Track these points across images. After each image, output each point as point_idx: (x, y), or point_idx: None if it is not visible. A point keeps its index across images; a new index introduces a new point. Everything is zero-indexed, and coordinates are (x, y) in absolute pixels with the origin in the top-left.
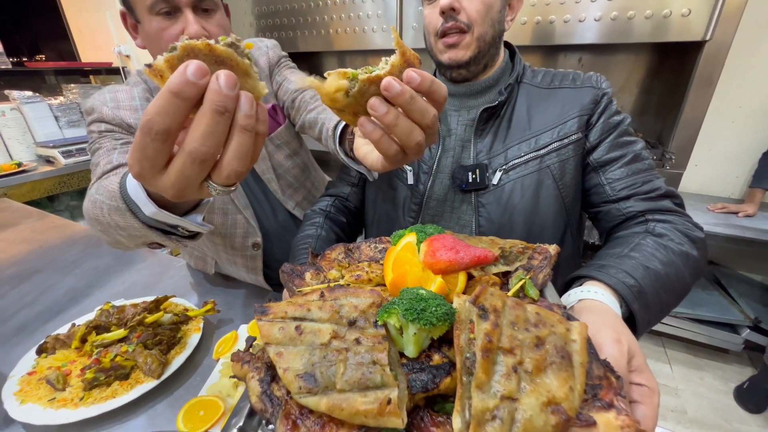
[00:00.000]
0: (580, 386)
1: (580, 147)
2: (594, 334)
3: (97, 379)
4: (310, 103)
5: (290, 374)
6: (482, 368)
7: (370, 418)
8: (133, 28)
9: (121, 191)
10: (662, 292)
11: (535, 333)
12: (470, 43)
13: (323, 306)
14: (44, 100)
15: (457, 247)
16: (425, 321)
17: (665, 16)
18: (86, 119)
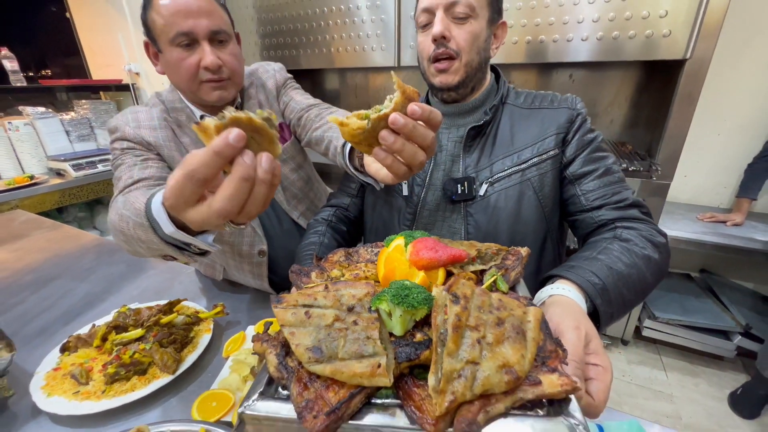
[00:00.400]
0: (530, 355)
1: (557, 161)
2: (558, 322)
3: (118, 373)
4: (315, 122)
5: (301, 348)
6: (452, 340)
7: (364, 379)
8: (154, 56)
9: (146, 210)
10: (624, 289)
11: (497, 314)
12: (459, 69)
13: (327, 296)
14: (56, 115)
15: (436, 247)
16: (408, 304)
17: (648, 36)
18: (110, 137)
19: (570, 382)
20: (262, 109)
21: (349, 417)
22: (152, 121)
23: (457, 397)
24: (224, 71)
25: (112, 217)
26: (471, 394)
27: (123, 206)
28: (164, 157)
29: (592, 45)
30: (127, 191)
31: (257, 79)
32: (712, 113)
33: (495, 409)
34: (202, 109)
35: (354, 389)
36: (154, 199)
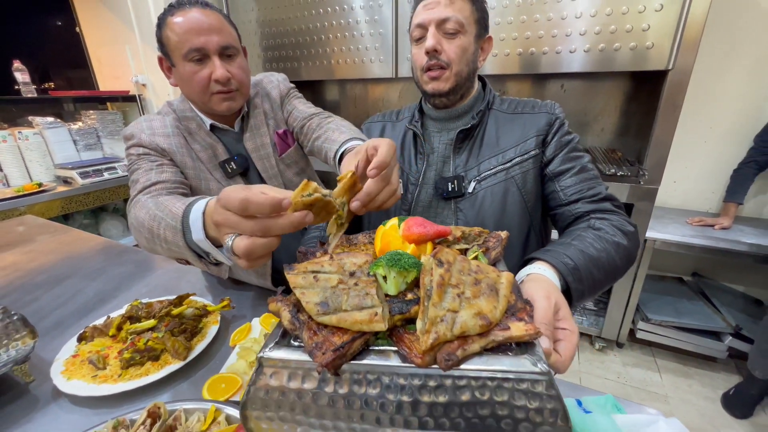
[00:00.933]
0: (501, 307)
1: (538, 161)
2: (532, 293)
3: (133, 358)
4: (315, 131)
5: (310, 304)
6: (437, 294)
7: (364, 325)
8: (168, 70)
9: (184, 215)
10: (594, 270)
11: (474, 276)
12: (449, 77)
13: (332, 263)
14: (64, 125)
15: (425, 224)
16: (401, 266)
17: (632, 48)
18: (126, 143)
19: (534, 327)
20: (267, 118)
21: (352, 357)
22: (165, 128)
23: (440, 336)
24: (233, 83)
25: (140, 214)
26: (451, 335)
27: (156, 207)
28: (177, 162)
29: (580, 57)
30: (146, 192)
31: (262, 89)
32: (699, 122)
33: (471, 348)
34: (211, 118)
35: (356, 334)
36: (194, 207)
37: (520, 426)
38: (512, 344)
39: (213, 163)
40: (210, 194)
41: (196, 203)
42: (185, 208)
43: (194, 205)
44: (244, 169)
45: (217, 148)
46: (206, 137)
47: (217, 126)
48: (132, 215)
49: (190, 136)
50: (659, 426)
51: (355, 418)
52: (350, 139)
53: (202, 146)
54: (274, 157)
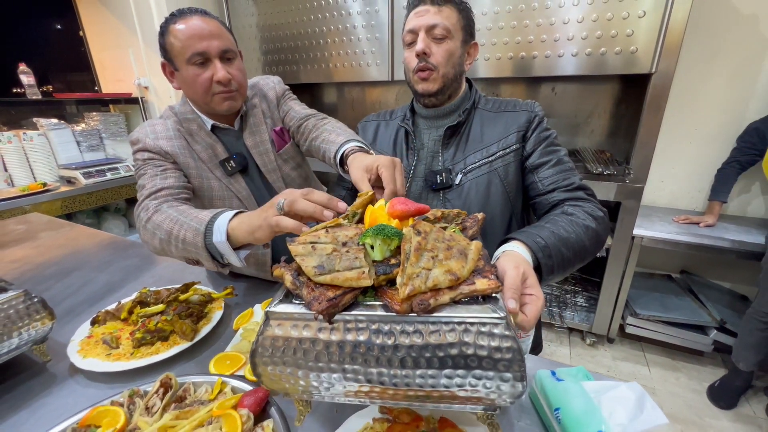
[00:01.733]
0: (469, 267)
1: (519, 154)
2: (503, 265)
3: (144, 338)
4: (312, 132)
5: (309, 267)
6: (414, 256)
7: (353, 281)
8: (171, 74)
9: (210, 221)
10: (563, 248)
11: (447, 243)
12: (437, 78)
13: (327, 235)
14: (68, 126)
15: (406, 203)
16: (385, 235)
17: (617, 53)
18: (132, 148)
19: (495, 283)
20: (265, 117)
21: (343, 308)
22: (168, 131)
23: (415, 287)
24: (233, 84)
25: (159, 218)
26: (425, 287)
27: (179, 214)
28: (179, 164)
29: (569, 61)
30: (153, 198)
31: (259, 91)
32: (684, 123)
33: (442, 298)
34: (212, 118)
35: (346, 289)
36: (222, 215)
37: (483, 361)
38: (479, 297)
39: (213, 162)
40: (212, 192)
41: (224, 213)
42: (212, 216)
43: (222, 214)
44: (243, 167)
45: (217, 148)
46: (206, 137)
47: (218, 126)
48: (144, 218)
49: (191, 137)
50: (621, 389)
51: (346, 360)
52: (347, 141)
53: (203, 146)
54: (272, 153)
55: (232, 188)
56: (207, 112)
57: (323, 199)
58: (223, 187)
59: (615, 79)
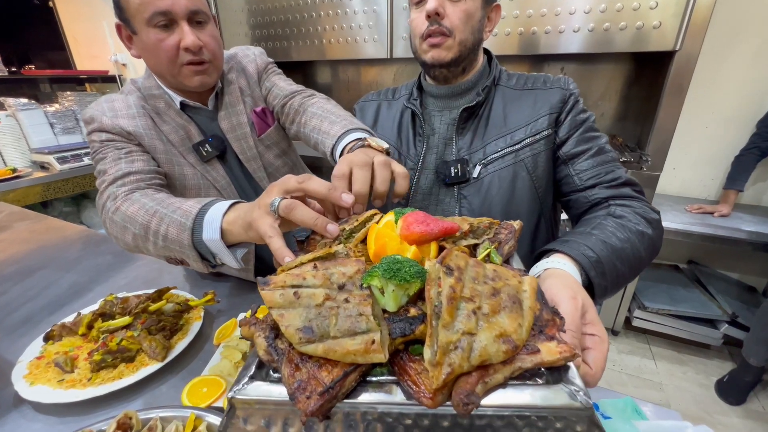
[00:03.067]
0: (527, 324)
1: (550, 142)
2: (554, 293)
3: (104, 360)
4: (302, 116)
5: (291, 329)
6: (447, 312)
7: (358, 356)
8: (128, 39)
9: (199, 214)
10: (618, 262)
11: (492, 285)
12: (452, 46)
13: (316, 275)
14: (40, 107)
15: (427, 220)
16: (400, 278)
17: (638, 27)
18: (86, 129)
19: (568, 349)
20: (243, 95)
21: (344, 396)
22: (129, 109)
23: (455, 368)
24: (205, 53)
25: (131, 209)
26: (468, 365)
27: (157, 204)
28: (145, 147)
29: (584, 36)
30: (120, 184)
31: (237, 64)
32: (700, 106)
33: (494, 379)
34: (181, 95)
35: (348, 367)
36: (214, 207)
37: None
38: (541, 369)
39: (186, 146)
40: (184, 180)
41: (216, 203)
42: (201, 207)
43: (213, 204)
44: (220, 152)
45: (190, 130)
46: (176, 117)
47: (188, 104)
48: (111, 208)
49: (158, 116)
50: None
51: None
52: (345, 132)
53: (173, 127)
54: (252, 138)
55: (209, 176)
56: (174, 87)
57: (322, 189)
58: (197, 174)
59: (627, 59)
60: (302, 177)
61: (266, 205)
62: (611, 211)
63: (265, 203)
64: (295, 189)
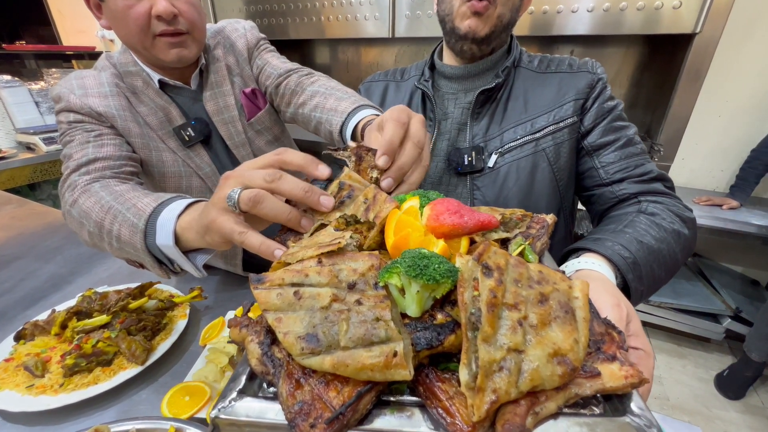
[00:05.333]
0: (584, 339)
1: (575, 131)
2: (594, 299)
3: (77, 365)
4: (299, 96)
5: (291, 337)
6: (488, 322)
7: (376, 372)
8: (96, 7)
9: (151, 215)
10: (655, 265)
11: (538, 289)
12: (491, 17)
13: (321, 271)
14: (24, 84)
15: (461, 211)
16: (428, 277)
17: (657, 8)
18: (55, 108)
19: (636, 373)
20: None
21: (357, 422)
22: (102, 87)
23: (500, 396)
24: (181, 22)
25: (87, 204)
26: (516, 392)
27: (111, 197)
28: (119, 129)
29: (599, 16)
30: (84, 172)
31: (225, 39)
32: (714, 94)
33: (546, 409)
34: (160, 72)
35: (362, 386)
36: (168, 207)
37: None
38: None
39: (166, 130)
40: (163, 167)
41: (172, 202)
42: (156, 206)
43: (169, 204)
44: (205, 136)
45: (170, 111)
46: (155, 97)
47: (168, 83)
48: (69, 200)
49: (135, 96)
50: None
51: None
52: (357, 107)
53: (151, 109)
54: (241, 122)
55: (191, 163)
56: (151, 62)
57: (300, 160)
58: (178, 161)
59: (639, 43)
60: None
61: (222, 200)
62: (642, 208)
63: (220, 197)
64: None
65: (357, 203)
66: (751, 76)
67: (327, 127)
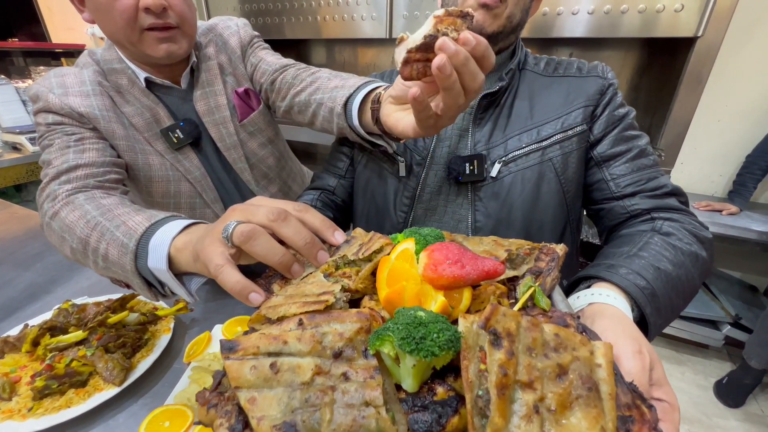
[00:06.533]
0: (611, 424)
1: (584, 140)
2: (612, 344)
3: (48, 387)
4: (294, 85)
5: (265, 425)
6: (498, 410)
7: None
8: (79, 0)
9: (143, 236)
10: (673, 294)
11: (556, 360)
12: (500, 15)
13: (302, 336)
14: (11, 83)
15: (462, 260)
16: (426, 352)
17: (658, 11)
18: (32, 108)
19: None
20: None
21: None
22: (83, 86)
23: None
24: (170, 15)
25: (70, 218)
26: None
27: (100, 214)
28: (102, 132)
29: (598, 19)
30: (65, 180)
31: (217, 37)
32: (714, 98)
33: None
34: (147, 70)
35: None
36: (162, 228)
37: None
38: None
39: (152, 131)
40: (150, 171)
41: (166, 223)
42: (149, 226)
43: (162, 225)
44: (194, 138)
45: (158, 112)
46: (142, 97)
47: (156, 82)
48: (49, 212)
49: (120, 95)
50: None
51: None
52: (368, 83)
53: (137, 109)
54: (233, 123)
55: (180, 167)
56: (138, 59)
57: (318, 224)
58: (166, 165)
59: (638, 46)
60: (293, 208)
61: (219, 231)
62: (657, 227)
63: (218, 229)
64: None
65: (352, 248)
66: (750, 80)
67: (328, 105)
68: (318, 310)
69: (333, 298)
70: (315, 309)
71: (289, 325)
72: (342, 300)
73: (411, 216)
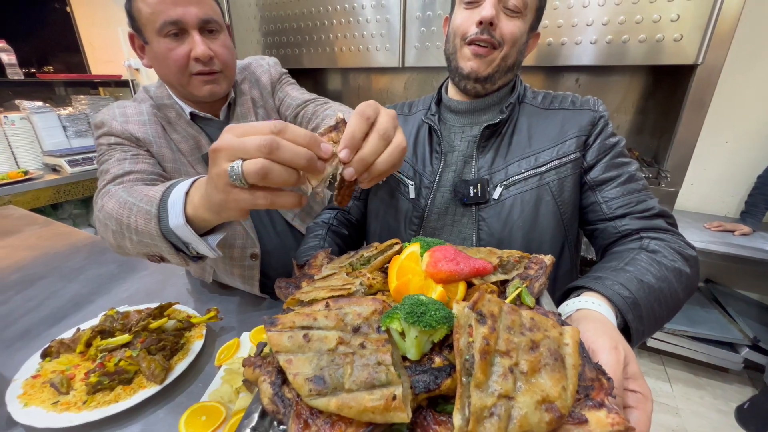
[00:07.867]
0: (572, 386)
1: (577, 166)
2: (592, 341)
3: (101, 382)
4: (312, 120)
5: (300, 378)
6: (480, 369)
7: (377, 414)
8: (140, 48)
9: (162, 198)
10: (655, 304)
11: (529, 336)
12: (495, 60)
13: (329, 315)
14: (53, 110)
15: (457, 258)
16: (425, 323)
17: (658, 40)
18: (95, 132)
19: (622, 421)
20: (256, 107)
21: None
22: (141, 116)
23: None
24: (216, 63)
25: (109, 204)
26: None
27: (128, 194)
28: (154, 154)
29: (601, 48)
30: (119, 182)
31: (251, 75)
32: (721, 120)
33: None
34: (192, 105)
35: (364, 427)
36: (177, 188)
37: None
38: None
39: (195, 156)
40: None
41: (179, 184)
42: (165, 190)
43: (176, 186)
44: None
45: (200, 140)
46: (187, 127)
47: (198, 115)
48: (98, 207)
49: (169, 125)
50: None
51: None
52: None
53: (183, 137)
54: None
55: None
56: (184, 96)
57: (303, 140)
58: None
59: (643, 71)
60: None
61: (221, 176)
62: (644, 245)
63: (219, 173)
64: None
65: (369, 250)
66: (756, 101)
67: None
68: (342, 295)
69: (354, 288)
70: (339, 294)
71: (318, 306)
72: (360, 291)
73: (420, 234)
